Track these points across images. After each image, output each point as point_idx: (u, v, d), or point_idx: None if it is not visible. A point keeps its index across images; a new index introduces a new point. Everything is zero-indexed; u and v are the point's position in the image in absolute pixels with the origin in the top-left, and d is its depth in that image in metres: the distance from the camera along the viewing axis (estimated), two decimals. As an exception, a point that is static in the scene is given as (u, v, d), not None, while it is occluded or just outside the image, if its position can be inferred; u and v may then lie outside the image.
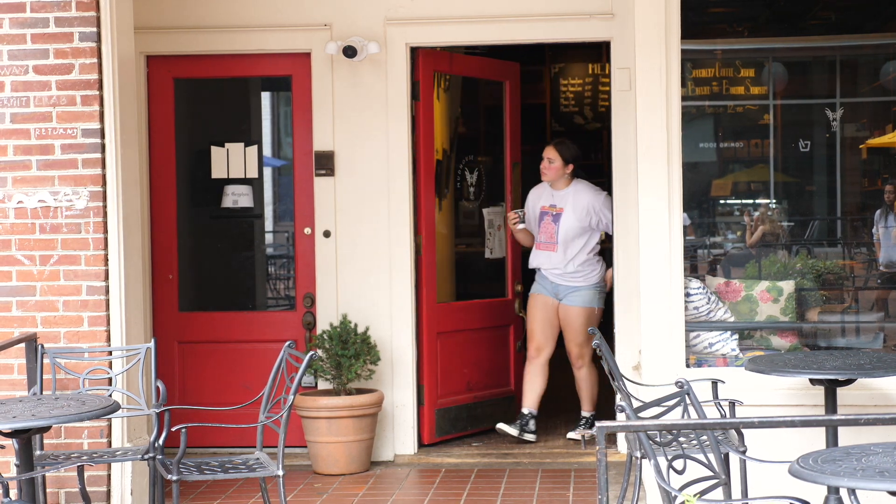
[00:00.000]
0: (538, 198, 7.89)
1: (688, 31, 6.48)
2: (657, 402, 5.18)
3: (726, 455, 4.92)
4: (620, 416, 5.04)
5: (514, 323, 8.49)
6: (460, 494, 6.79)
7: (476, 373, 8.22)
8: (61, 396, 5.55)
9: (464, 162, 8.50)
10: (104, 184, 6.34)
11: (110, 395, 6.09)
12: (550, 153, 7.74)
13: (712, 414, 5.68)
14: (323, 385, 7.68)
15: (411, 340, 7.81)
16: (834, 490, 3.75)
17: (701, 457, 4.34)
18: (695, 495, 3.55)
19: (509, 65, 8.56)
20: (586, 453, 7.64)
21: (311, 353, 5.58)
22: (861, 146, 8.07)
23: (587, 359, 7.80)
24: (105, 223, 6.35)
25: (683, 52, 6.47)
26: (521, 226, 7.86)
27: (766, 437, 6.00)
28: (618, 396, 5.77)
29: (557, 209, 7.74)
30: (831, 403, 5.63)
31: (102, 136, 6.33)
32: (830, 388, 5.62)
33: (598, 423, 3.41)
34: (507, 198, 8.49)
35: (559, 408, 8.65)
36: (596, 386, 7.96)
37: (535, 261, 7.86)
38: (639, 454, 5.28)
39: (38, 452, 5.88)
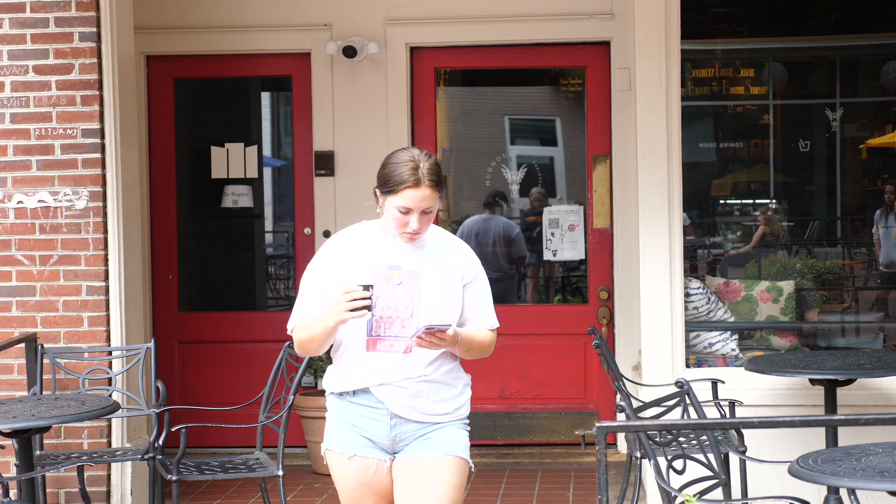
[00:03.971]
0: (358, 254, 3.97)
1: (688, 31, 6.48)
2: (657, 403, 5.19)
3: (726, 455, 4.92)
4: (620, 416, 5.04)
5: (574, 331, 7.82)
6: (460, 494, 6.79)
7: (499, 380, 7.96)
8: (61, 396, 5.55)
9: (498, 159, 8.13)
10: (104, 184, 6.34)
11: (110, 395, 6.09)
12: (429, 199, 3.91)
13: (712, 414, 5.68)
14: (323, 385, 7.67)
15: (411, 340, 7.78)
16: (834, 490, 3.76)
17: (701, 457, 4.34)
18: (695, 495, 3.55)
19: (588, 49, 7.81)
20: (586, 453, 7.63)
21: (311, 353, 5.57)
22: (861, 146, 8.07)
23: None
24: (105, 223, 6.35)
25: (683, 52, 6.47)
26: (365, 314, 3.76)
27: (765, 437, 6.00)
28: (618, 396, 5.77)
29: (409, 271, 3.83)
30: (831, 403, 5.63)
31: (102, 137, 6.33)
32: (830, 388, 5.62)
33: (598, 424, 3.40)
34: (588, 196, 7.79)
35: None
36: None
37: (356, 377, 3.95)
38: (639, 454, 5.28)
39: (37, 452, 5.88)
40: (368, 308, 3.73)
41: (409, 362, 3.90)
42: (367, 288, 3.73)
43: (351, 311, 3.73)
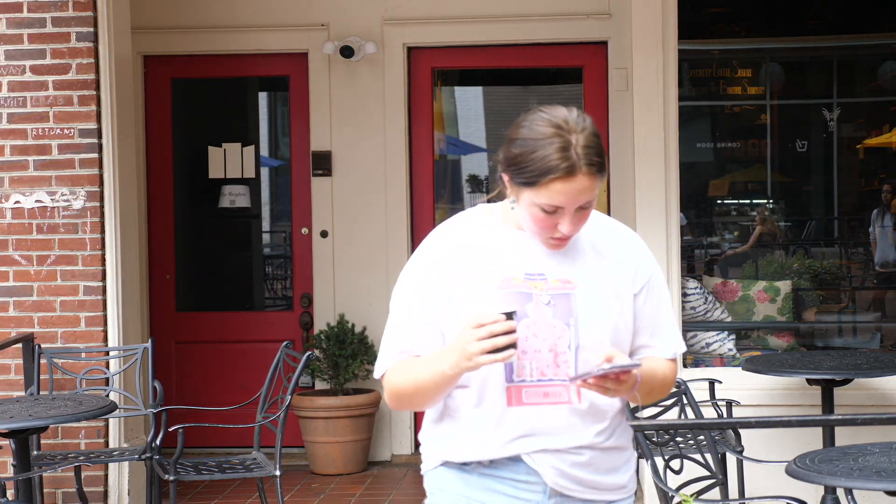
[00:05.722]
0: (479, 257, 2.67)
1: (685, 31, 6.48)
2: (654, 402, 5.18)
3: (723, 455, 4.93)
4: (618, 416, 5.04)
5: None
6: (458, 494, 6.78)
7: None
8: (58, 397, 5.55)
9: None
10: (101, 184, 6.34)
11: (107, 396, 6.08)
12: (588, 192, 2.56)
13: (709, 414, 5.68)
14: (320, 385, 7.68)
15: (409, 340, 7.77)
16: (831, 490, 3.76)
17: (698, 457, 4.35)
18: (692, 495, 3.55)
19: (585, 49, 7.73)
20: (583, 453, 7.62)
21: (309, 353, 5.58)
22: (858, 146, 8.08)
23: None
24: (102, 223, 6.34)
25: (681, 52, 6.46)
26: (510, 355, 2.50)
27: (762, 436, 6.00)
28: (615, 396, 5.76)
29: (558, 281, 2.65)
30: (828, 403, 5.63)
31: (99, 137, 6.33)
32: (827, 388, 5.62)
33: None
34: None
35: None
36: None
37: (498, 440, 2.70)
38: (636, 454, 5.27)
39: (35, 452, 5.87)
40: (514, 345, 2.48)
41: (578, 418, 2.67)
42: (510, 316, 2.47)
43: (488, 352, 2.47)
